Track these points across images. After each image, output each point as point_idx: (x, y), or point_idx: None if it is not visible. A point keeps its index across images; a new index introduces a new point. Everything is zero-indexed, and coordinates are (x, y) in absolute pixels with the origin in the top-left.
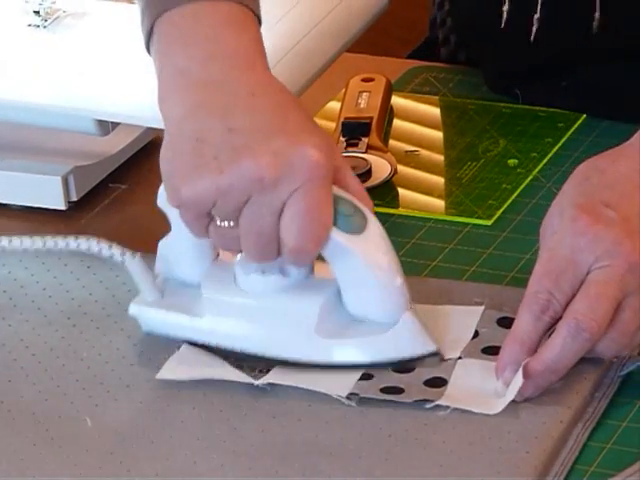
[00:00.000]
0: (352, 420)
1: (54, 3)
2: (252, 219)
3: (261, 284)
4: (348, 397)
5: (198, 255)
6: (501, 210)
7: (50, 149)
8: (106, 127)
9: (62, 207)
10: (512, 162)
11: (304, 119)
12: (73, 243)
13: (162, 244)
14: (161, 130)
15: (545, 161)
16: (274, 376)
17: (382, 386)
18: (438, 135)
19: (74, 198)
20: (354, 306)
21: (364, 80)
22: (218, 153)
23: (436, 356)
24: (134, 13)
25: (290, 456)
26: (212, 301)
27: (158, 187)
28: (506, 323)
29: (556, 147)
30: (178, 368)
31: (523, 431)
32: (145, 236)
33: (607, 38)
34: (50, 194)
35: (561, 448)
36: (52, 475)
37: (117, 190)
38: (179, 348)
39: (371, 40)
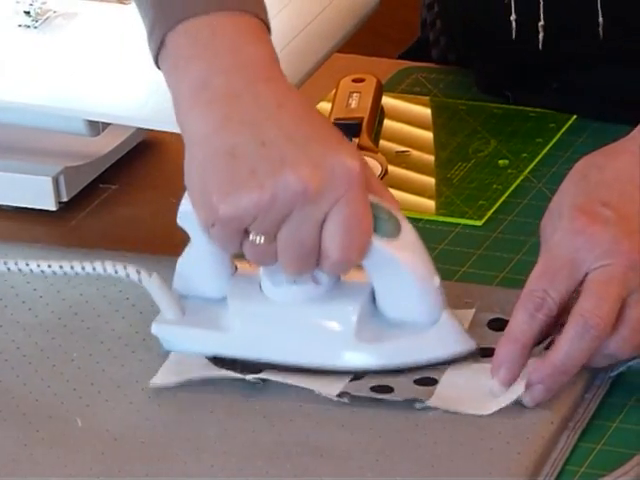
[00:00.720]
0: (343, 421)
1: (45, 4)
2: (293, 232)
3: (293, 294)
4: (339, 396)
5: (219, 270)
6: (492, 210)
7: (40, 149)
8: (96, 127)
9: (52, 207)
10: (503, 162)
11: (331, 128)
12: (89, 266)
13: (181, 262)
14: (151, 130)
15: (536, 161)
16: (265, 374)
17: (372, 385)
18: (429, 135)
19: (64, 198)
20: (391, 309)
21: (355, 80)
22: (255, 167)
23: (476, 354)
24: (125, 13)
25: (281, 457)
26: (241, 314)
27: (148, 187)
28: (497, 325)
29: (547, 147)
30: (170, 374)
31: (514, 432)
32: (136, 237)
33: (612, 42)
34: (40, 194)
35: (552, 449)
36: (43, 475)
37: (107, 191)
38: (170, 355)
39: (362, 40)
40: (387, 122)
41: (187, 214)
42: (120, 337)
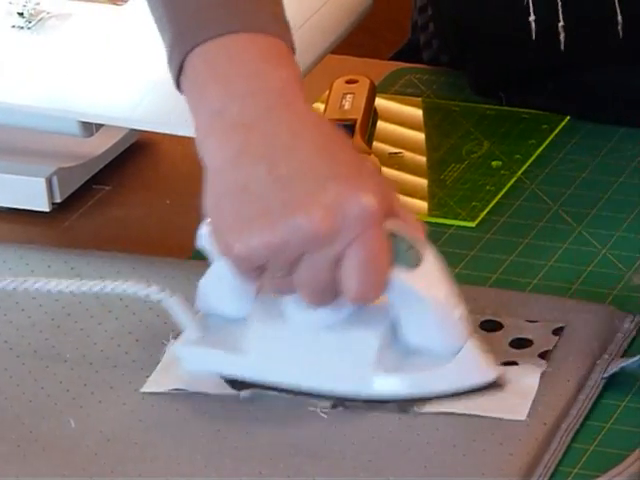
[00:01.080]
0: (336, 421)
1: (38, 4)
2: (308, 272)
3: (314, 319)
4: (333, 407)
5: (241, 291)
6: (485, 212)
7: (34, 150)
8: (90, 128)
9: (46, 209)
10: (496, 164)
11: (351, 157)
12: (110, 285)
13: (203, 282)
14: (145, 132)
15: (529, 163)
16: (259, 390)
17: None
18: (422, 137)
19: (58, 200)
20: (413, 338)
21: (348, 82)
22: (267, 206)
23: (498, 385)
24: (118, 14)
25: (274, 457)
26: (261, 337)
27: (142, 189)
28: (489, 326)
29: (540, 149)
30: (162, 380)
31: (507, 433)
32: (129, 237)
33: (632, 41)
34: (34, 195)
35: (545, 450)
36: (36, 476)
37: (101, 191)
38: (163, 356)
39: (356, 41)
40: (380, 123)
41: (207, 237)
42: (113, 338)
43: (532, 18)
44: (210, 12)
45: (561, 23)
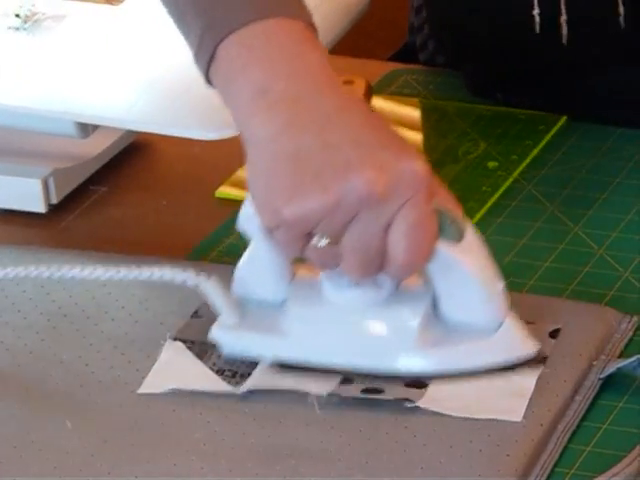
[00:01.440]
0: (332, 423)
1: (34, 6)
2: (359, 236)
3: (356, 298)
4: (329, 395)
5: (278, 274)
6: (481, 212)
7: (30, 151)
8: (86, 129)
9: (42, 210)
10: (492, 164)
11: (394, 132)
12: (146, 272)
13: (240, 266)
14: (141, 132)
15: (525, 163)
16: (255, 382)
17: (363, 388)
18: (419, 137)
19: (54, 201)
20: (454, 313)
21: (344, 82)
22: (319, 170)
23: (538, 359)
24: (113, 15)
25: (270, 459)
26: (301, 319)
27: (138, 189)
28: None
29: (536, 149)
30: (158, 381)
31: (503, 434)
32: (125, 238)
33: (633, 39)
34: (30, 197)
35: (541, 451)
36: (32, 477)
37: (97, 192)
38: (159, 356)
39: (354, 42)
40: None
41: (248, 217)
42: (109, 339)
43: (536, 12)
44: (236, 2)
45: (564, 17)
